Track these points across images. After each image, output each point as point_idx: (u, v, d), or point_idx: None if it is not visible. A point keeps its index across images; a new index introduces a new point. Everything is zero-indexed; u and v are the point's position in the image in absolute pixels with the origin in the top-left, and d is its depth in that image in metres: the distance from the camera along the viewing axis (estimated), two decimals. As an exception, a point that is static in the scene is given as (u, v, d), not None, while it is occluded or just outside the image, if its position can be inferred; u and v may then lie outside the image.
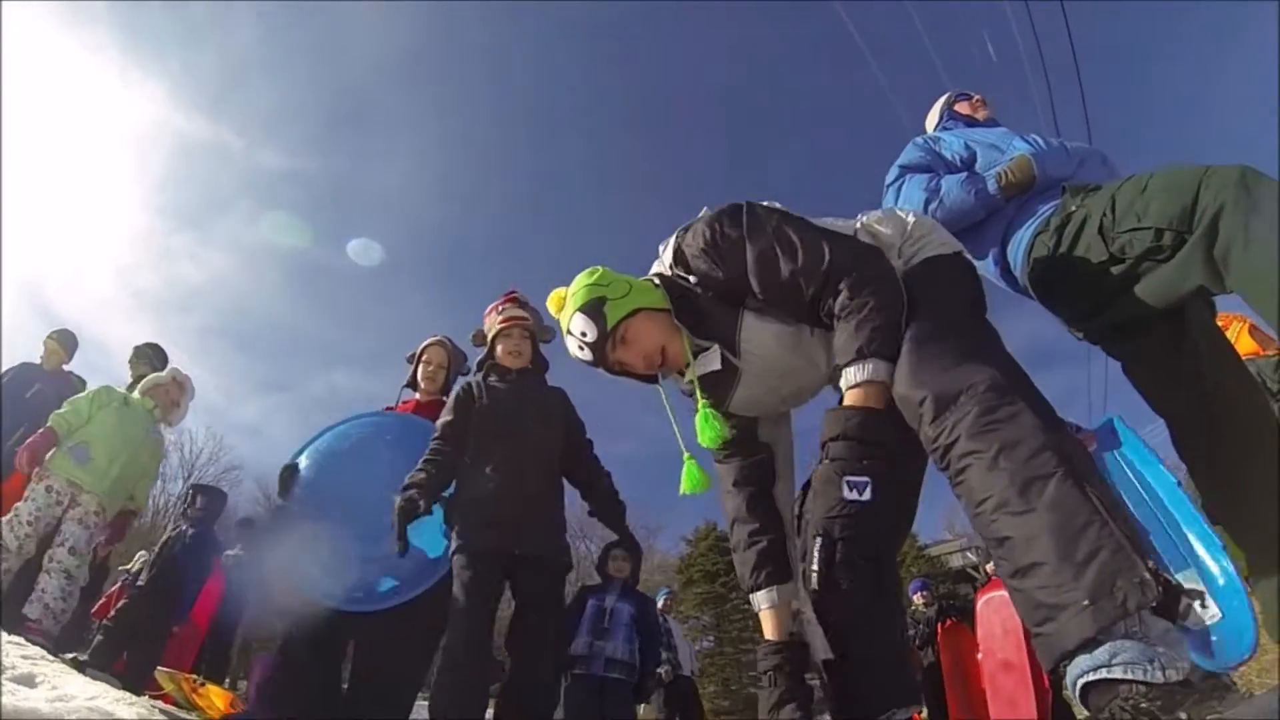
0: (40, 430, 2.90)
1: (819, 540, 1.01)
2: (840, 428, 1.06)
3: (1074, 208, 1.42)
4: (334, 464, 2.17)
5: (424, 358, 2.65)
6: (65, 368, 3.95)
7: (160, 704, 2.60)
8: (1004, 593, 4.39)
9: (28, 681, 1.26)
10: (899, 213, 1.40)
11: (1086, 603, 0.80)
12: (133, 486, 3.09)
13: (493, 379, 2.06)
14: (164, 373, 3.37)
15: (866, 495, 1.00)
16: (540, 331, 2.18)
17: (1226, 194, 1.11)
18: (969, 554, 19.17)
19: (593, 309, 1.32)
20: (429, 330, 2.79)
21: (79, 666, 2.37)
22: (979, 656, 4.34)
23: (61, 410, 2.98)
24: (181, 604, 4.11)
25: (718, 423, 1.31)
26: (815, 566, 1.00)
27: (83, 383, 3.94)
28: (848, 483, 1.01)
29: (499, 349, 2.10)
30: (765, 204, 1.33)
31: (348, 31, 34.98)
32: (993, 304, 1.29)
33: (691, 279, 1.36)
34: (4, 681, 1.22)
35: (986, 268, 1.69)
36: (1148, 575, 0.78)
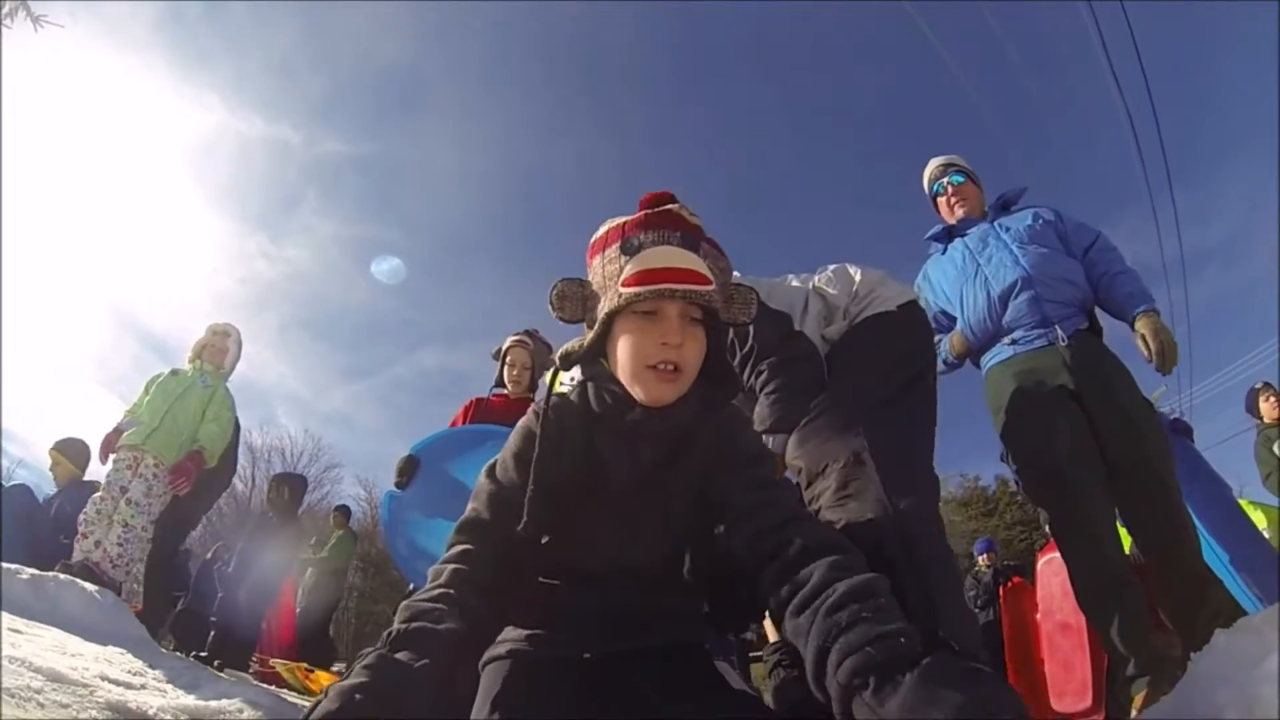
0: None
1: None
2: None
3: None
4: (448, 465, 2.18)
5: (508, 360, 2.74)
6: (85, 479, 3.73)
7: (273, 688, 2.98)
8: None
9: (194, 685, 1.55)
10: (849, 270, 1.51)
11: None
12: (189, 432, 3.12)
13: None
14: (203, 332, 3.46)
15: None
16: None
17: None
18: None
19: None
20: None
21: (208, 664, 2.69)
22: (1037, 617, 4.33)
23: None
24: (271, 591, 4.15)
25: None
26: None
27: None
28: None
29: None
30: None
31: (385, 15, 34.92)
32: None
33: None
34: (174, 688, 1.51)
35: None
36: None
